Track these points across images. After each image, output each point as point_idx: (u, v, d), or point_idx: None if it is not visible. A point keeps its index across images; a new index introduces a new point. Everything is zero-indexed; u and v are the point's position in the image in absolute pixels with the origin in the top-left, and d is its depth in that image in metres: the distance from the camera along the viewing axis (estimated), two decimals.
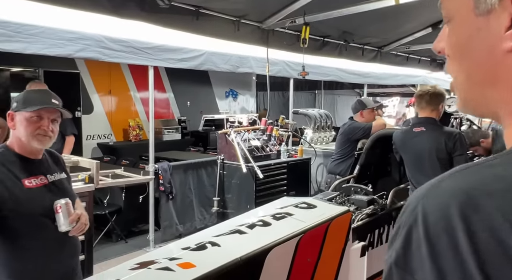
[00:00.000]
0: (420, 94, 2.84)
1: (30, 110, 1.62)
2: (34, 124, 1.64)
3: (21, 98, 1.70)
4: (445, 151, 2.66)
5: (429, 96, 2.78)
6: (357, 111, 3.88)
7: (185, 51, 4.54)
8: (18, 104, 1.67)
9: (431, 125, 2.80)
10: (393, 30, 6.40)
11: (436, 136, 2.72)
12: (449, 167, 2.52)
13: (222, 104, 10.74)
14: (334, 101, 14.02)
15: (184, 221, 4.92)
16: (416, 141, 2.78)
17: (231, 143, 4.38)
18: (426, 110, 2.80)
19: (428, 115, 2.81)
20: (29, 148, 1.69)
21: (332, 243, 2.26)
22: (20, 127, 1.65)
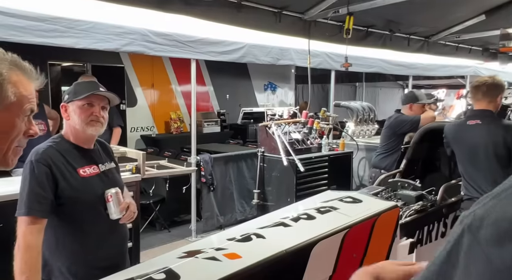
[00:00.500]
0: (476, 85, 2.66)
1: (81, 98, 1.69)
2: (86, 111, 1.71)
3: (72, 89, 1.78)
4: (502, 146, 2.50)
5: (486, 87, 2.60)
6: (407, 103, 3.72)
7: (226, 44, 4.55)
8: (70, 95, 1.74)
9: (488, 118, 2.63)
10: (442, 18, 6.09)
11: (493, 130, 2.56)
12: (507, 162, 2.37)
13: (260, 97, 10.73)
14: (376, 94, 13.62)
15: (224, 212, 4.98)
16: (470, 135, 2.62)
17: (271, 136, 4.37)
18: (482, 102, 2.63)
19: (484, 107, 2.62)
20: (84, 136, 1.76)
21: (378, 239, 2.19)
22: (74, 116, 1.73)
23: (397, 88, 14.87)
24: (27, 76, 0.90)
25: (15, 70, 0.87)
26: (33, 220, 1.55)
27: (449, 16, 6.16)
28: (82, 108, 1.70)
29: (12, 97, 0.85)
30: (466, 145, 2.64)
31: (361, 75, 11.10)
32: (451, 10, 5.92)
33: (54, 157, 1.66)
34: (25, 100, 0.88)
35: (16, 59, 0.90)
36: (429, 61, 7.51)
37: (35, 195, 1.58)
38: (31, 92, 0.90)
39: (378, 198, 2.52)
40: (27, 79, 0.90)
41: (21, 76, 0.89)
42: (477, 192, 2.58)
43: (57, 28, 3.36)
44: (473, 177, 2.62)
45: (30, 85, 0.91)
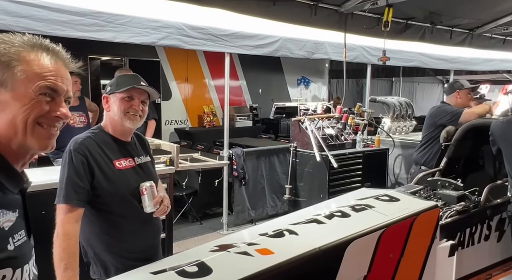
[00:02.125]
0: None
1: (122, 90, 1.73)
2: (126, 103, 1.74)
3: (114, 81, 1.81)
4: None
5: None
6: (453, 91, 3.51)
7: (261, 37, 4.52)
8: (112, 87, 1.77)
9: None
10: (489, 9, 5.76)
11: None
12: None
13: (293, 91, 10.64)
14: (413, 89, 13.14)
15: (256, 206, 4.98)
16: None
17: (304, 131, 4.31)
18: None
19: None
20: (121, 128, 1.79)
21: (417, 240, 2.10)
22: (114, 107, 1.76)
23: (436, 83, 14.29)
24: (50, 55, 0.91)
25: (28, 50, 0.88)
26: (71, 209, 1.59)
27: (496, 7, 5.81)
28: (123, 100, 1.73)
29: (20, 74, 0.86)
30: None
31: (398, 70, 10.73)
32: (498, 1, 5.59)
33: (91, 147, 1.69)
34: (38, 78, 0.87)
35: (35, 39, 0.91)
36: (472, 54, 7.15)
37: (72, 184, 1.62)
38: (50, 70, 0.89)
39: (417, 197, 2.42)
40: (50, 58, 0.90)
41: (39, 55, 0.89)
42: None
43: (97, 22, 3.44)
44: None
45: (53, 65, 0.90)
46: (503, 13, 6.03)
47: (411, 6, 4.81)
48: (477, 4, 5.46)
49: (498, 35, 6.88)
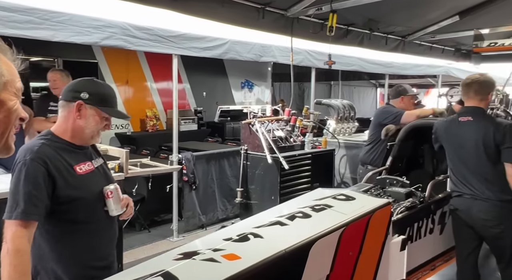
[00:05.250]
0: (468, 82, 2.67)
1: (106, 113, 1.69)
2: (104, 122, 1.70)
3: (96, 93, 1.68)
4: (493, 143, 2.52)
5: (478, 84, 2.63)
6: (398, 96, 3.76)
7: (209, 39, 4.47)
8: (93, 99, 1.65)
9: (479, 115, 2.65)
10: (419, 18, 6.22)
11: (484, 127, 2.57)
12: (496, 160, 2.41)
13: (237, 95, 10.66)
14: (350, 93, 13.82)
15: (206, 211, 4.90)
16: (462, 131, 2.66)
17: (255, 133, 4.32)
18: (474, 99, 2.65)
19: (476, 105, 2.65)
20: (85, 141, 1.71)
21: (373, 237, 2.19)
22: (90, 121, 1.66)
23: (370, 87, 15.19)
24: (7, 57, 0.87)
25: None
26: (25, 223, 1.44)
27: (425, 16, 6.30)
28: (102, 119, 1.69)
29: (7, 74, 0.83)
30: (457, 141, 2.67)
31: (336, 74, 11.22)
32: (427, 10, 6.06)
33: (50, 155, 1.56)
34: (16, 78, 0.86)
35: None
36: (404, 60, 7.69)
37: (30, 197, 1.47)
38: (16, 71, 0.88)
39: (370, 195, 2.52)
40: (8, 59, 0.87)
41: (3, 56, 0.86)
42: (468, 188, 2.62)
43: (32, 19, 3.18)
44: (463, 173, 2.65)
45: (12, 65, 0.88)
46: (431, 22, 6.55)
47: (352, 12, 5.04)
48: (409, 13, 5.87)
49: (426, 42, 7.46)
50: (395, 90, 3.85)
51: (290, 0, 4.52)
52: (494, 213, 2.53)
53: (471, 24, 6.26)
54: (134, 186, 4.44)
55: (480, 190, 2.56)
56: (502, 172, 2.49)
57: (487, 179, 2.55)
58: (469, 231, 2.65)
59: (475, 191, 2.58)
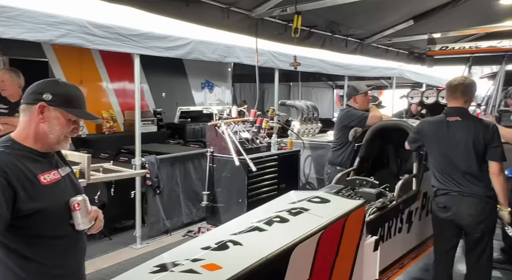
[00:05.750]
0: (455, 84, 2.76)
1: (73, 114, 1.54)
2: (70, 125, 1.55)
3: (60, 93, 1.53)
4: (482, 142, 2.62)
5: (464, 86, 2.73)
6: (350, 98, 3.81)
7: (172, 39, 4.34)
8: (57, 100, 1.51)
9: (466, 115, 2.76)
10: (376, 21, 6.43)
11: (474, 127, 2.67)
12: (482, 158, 2.51)
13: (198, 95, 10.50)
14: (309, 94, 14.07)
15: (171, 216, 4.75)
16: (451, 131, 2.71)
17: (221, 135, 4.25)
18: (460, 100, 2.74)
19: (462, 105, 2.76)
20: (50, 146, 1.55)
21: (348, 238, 2.20)
22: (54, 124, 1.51)
23: (328, 88, 15.56)
24: None
25: None
26: None
27: (382, 20, 6.52)
28: (68, 122, 1.54)
29: None
30: (446, 140, 2.74)
31: (296, 75, 11.36)
32: (384, 15, 6.28)
33: (10, 164, 1.39)
34: None
35: None
36: (362, 62, 7.92)
37: None
38: None
39: (343, 197, 2.54)
40: None
41: None
42: (455, 186, 2.70)
43: None
44: (451, 171, 2.72)
45: None
46: (387, 26, 6.80)
47: (315, 14, 5.10)
48: (367, 16, 6.05)
49: (383, 45, 7.74)
50: (347, 92, 3.92)
51: (255, 1, 4.49)
52: (481, 209, 2.64)
53: (424, 28, 6.57)
54: (97, 193, 4.20)
55: (468, 187, 2.66)
56: (487, 169, 2.63)
57: (475, 176, 2.67)
58: (453, 228, 2.74)
59: (463, 188, 2.67)
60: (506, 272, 3.62)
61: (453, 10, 6.22)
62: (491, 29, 6.84)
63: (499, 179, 2.59)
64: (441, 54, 5.95)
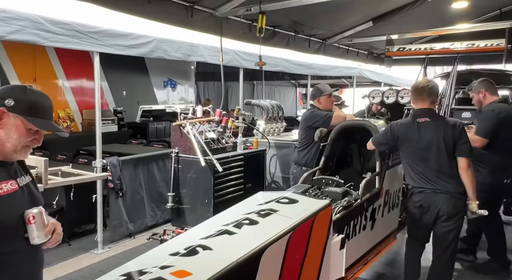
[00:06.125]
0: (420, 86, 2.89)
1: (34, 124, 1.44)
2: (31, 135, 1.45)
3: (25, 100, 1.44)
4: (451, 140, 2.76)
5: (429, 89, 2.86)
6: (314, 98, 3.86)
7: (134, 37, 4.20)
8: (20, 107, 1.42)
9: (434, 115, 2.90)
10: (338, 22, 6.58)
11: (443, 126, 2.80)
12: (452, 155, 2.63)
13: (160, 94, 10.30)
14: (272, 92, 14.17)
15: (134, 219, 4.62)
16: (422, 131, 2.81)
17: (186, 135, 4.17)
18: (427, 101, 2.87)
19: (428, 106, 2.88)
20: (7, 155, 1.46)
21: (316, 238, 2.23)
22: (13, 133, 1.42)
23: (290, 86, 15.74)
24: None
25: None
26: None
27: (343, 21, 6.69)
28: (28, 132, 1.45)
29: None
30: (418, 140, 2.84)
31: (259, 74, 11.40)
32: (345, 16, 6.44)
33: None
34: None
35: None
36: (325, 62, 8.08)
37: None
38: None
39: (311, 196, 2.57)
40: None
41: None
42: (429, 184, 2.82)
43: None
44: (424, 170, 2.84)
45: None
46: (348, 26, 6.99)
47: (279, 14, 5.14)
48: (329, 17, 6.18)
49: (344, 45, 7.94)
50: (312, 93, 3.98)
51: (219, 0, 4.45)
52: (453, 205, 2.78)
53: (382, 30, 6.81)
54: (55, 198, 4.00)
55: (440, 184, 2.78)
56: (457, 166, 2.78)
57: (446, 174, 2.80)
58: (426, 223, 2.86)
59: (436, 186, 2.79)
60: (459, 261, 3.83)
61: (409, 13, 6.49)
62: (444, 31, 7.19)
63: (468, 174, 2.75)
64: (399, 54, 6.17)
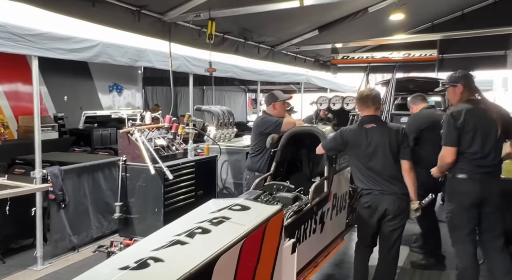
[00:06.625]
0: (366, 94, 3.08)
1: None
2: None
3: None
4: (395, 144, 2.95)
5: (373, 96, 3.06)
6: (269, 104, 3.92)
7: (76, 40, 4.01)
8: None
9: (379, 121, 3.09)
10: (286, 30, 6.75)
11: (388, 131, 2.99)
12: (397, 158, 2.83)
13: (105, 99, 9.90)
14: (222, 97, 14.16)
15: (78, 231, 4.39)
16: (369, 136, 2.97)
17: (134, 142, 4.04)
18: (372, 108, 3.06)
19: (374, 113, 3.07)
20: None
21: (269, 244, 2.26)
22: None
23: (240, 92, 15.84)
24: None
25: None
26: None
27: (290, 29, 6.87)
28: None
29: None
30: (367, 145, 2.99)
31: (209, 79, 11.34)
32: (292, 24, 6.63)
33: None
34: None
35: None
36: (274, 68, 8.23)
37: None
38: None
39: (262, 202, 2.60)
40: None
41: None
42: (377, 185, 2.96)
43: None
44: (372, 173, 2.98)
45: None
46: (295, 34, 7.20)
47: (228, 21, 5.17)
48: (277, 25, 6.33)
49: (292, 52, 8.15)
50: (267, 98, 4.05)
51: (167, 5, 4.39)
52: (398, 205, 2.94)
53: (328, 38, 7.09)
54: None
55: (387, 186, 2.95)
56: (401, 169, 2.97)
57: (392, 176, 2.97)
58: (374, 223, 3.00)
59: (384, 187, 2.95)
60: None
61: (352, 23, 6.82)
62: (384, 41, 7.66)
63: (410, 175, 2.95)
64: (343, 62, 6.45)
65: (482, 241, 3.08)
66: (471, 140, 2.93)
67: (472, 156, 2.94)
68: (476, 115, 2.96)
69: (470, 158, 2.94)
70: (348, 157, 3.20)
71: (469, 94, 3.06)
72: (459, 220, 3.02)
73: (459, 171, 2.98)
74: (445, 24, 8.45)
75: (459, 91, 3.08)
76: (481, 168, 2.94)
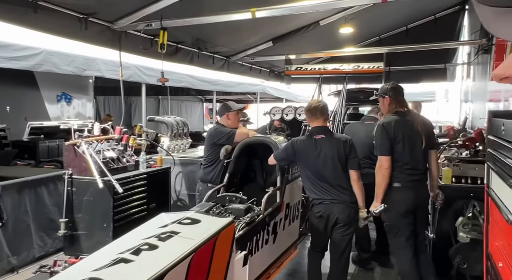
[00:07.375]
0: (314, 106, 3.15)
1: None
2: None
3: None
4: (344, 154, 3.03)
5: (321, 108, 3.14)
6: (223, 114, 3.89)
7: (17, 48, 3.81)
8: None
9: (328, 132, 3.16)
10: (240, 41, 6.80)
11: (336, 142, 3.07)
12: (345, 168, 2.94)
13: (52, 109, 9.41)
14: (179, 107, 13.97)
15: (18, 251, 4.09)
16: (319, 147, 3.04)
17: (81, 155, 3.87)
18: (320, 119, 3.13)
19: (322, 124, 3.14)
20: None
21: (219, 257, 2.22)
22: None
23: (197, 101, 15.70)
24: None
25: None
26: None
27: (245, 40, 6.93)
28: None
29: None
30: (317, 155, 3.04)
31: (165, 89, 11.16)
32: (247, 35, 6.68)
33: None
34: None
35: None
36: (229, 78, 8.24)
37: None
38: None
39: (213, 215, 2.56)
40: None
41: None
42: (328, 195, 3.01)
43: None
44: (323, 182, 3.03)
45: None
46: (250, 45, 7.27)
47: (181, 31, 5.11)
48: (232, 36, 6.35)
49: (247, 63, 8.20)
50: (220, 108, 4.03)
51: (117, 13, 4.27)
52: (348, 213, 3.01)
53: (282, 50, 7.21)
54: None
55: (337, 195, 3.01)
56: (349, 178, 3.05)
57: (342, 185, 3.04)
58: (325, 231, 3.06)
59: (334, 196, 3.01)
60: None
61: (305, 35, 6.99)
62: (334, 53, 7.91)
63: (358, 184, 3.05)
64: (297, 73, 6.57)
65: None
66: (401, 150, 3.10)
67: (404, 165, 3.11)
68: (404, 126, 3.13)
69: (402, 167, 3.11)
70: (299, 167, 3.25)
71: (396, 106, 3.23)
72: (398, 227, 3.16)
73: (395, 179, 3.12)
74: (391, 38, 8.90)
75: (387, 102, 3.26)
76: (412, 176, 3.12)
